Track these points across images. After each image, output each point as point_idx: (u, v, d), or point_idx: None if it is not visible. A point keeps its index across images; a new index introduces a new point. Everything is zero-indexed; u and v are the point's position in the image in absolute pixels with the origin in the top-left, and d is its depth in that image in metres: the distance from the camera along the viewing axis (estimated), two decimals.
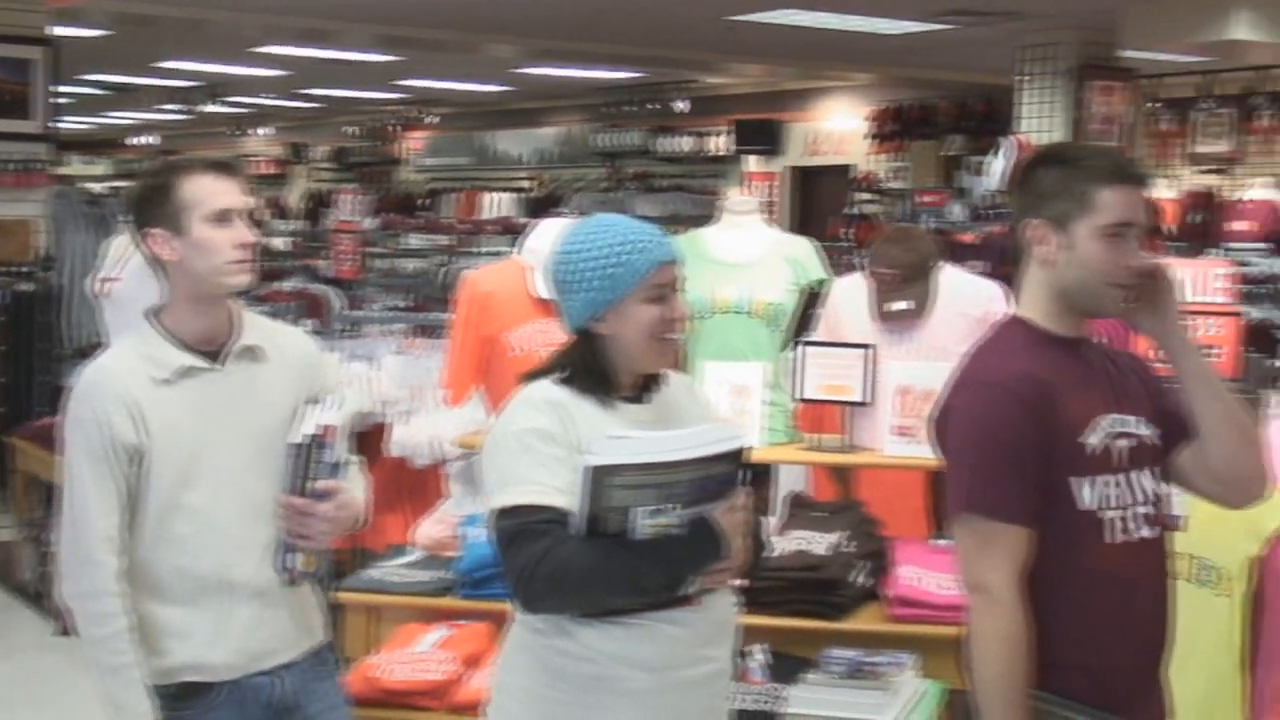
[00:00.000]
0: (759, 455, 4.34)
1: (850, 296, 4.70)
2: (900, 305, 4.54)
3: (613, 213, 2.88)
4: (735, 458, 2.56)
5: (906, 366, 4.15)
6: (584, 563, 2.49)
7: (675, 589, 2.58)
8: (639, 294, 2.65)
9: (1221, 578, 4.10)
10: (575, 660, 2.60)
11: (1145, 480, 2.68)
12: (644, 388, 2.74)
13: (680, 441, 2.50)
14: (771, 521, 4.22)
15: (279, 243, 13.37)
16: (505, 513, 2.55)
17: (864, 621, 3.89)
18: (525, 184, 18.71)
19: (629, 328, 2.66)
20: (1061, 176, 2.65)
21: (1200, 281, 4.71)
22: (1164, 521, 2.74)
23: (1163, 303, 2.69)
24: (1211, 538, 4.07)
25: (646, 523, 2.51)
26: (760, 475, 5.15)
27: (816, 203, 15.91)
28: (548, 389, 2.67)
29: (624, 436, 2.52)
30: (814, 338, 4.68)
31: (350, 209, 9.47)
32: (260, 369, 2.89)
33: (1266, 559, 4.09)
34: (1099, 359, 2.73)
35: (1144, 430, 2.69)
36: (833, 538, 3.98)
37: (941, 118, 14.17)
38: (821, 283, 4.89)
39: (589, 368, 2.68)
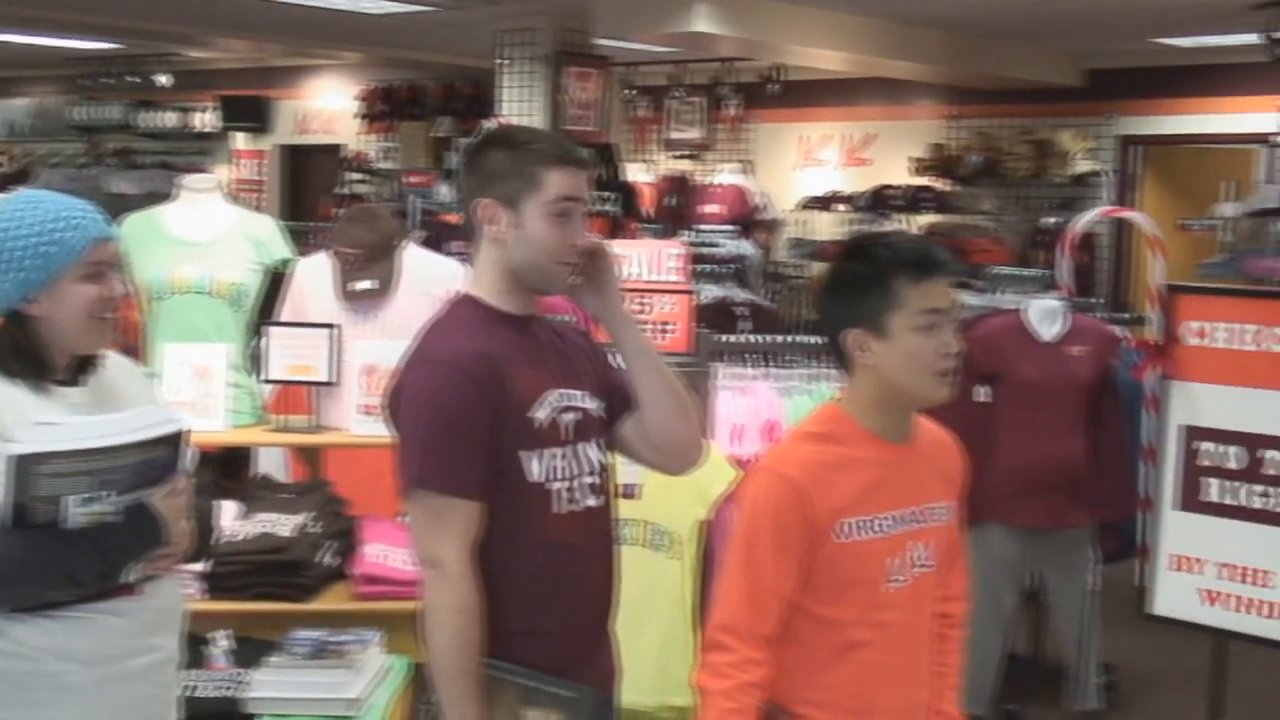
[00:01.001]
0: (224, 439, 4.27)
1: (315, 276, 4.68)
2: (364, 284, 4.55)
3: (77, 190, 2.76)
4: (174, 441, 2.50)
5: (371, 345, 4.16)
6: (9, 555, 2.37)
7: (113, 578, 2.49)
8: (75, 273, 2.56)
9: (673, 541, 4.35)
10: (6, 658, 2.47)
11: (591, 452, 2.78)
12: (80, 370, 2.64)
13: (114, 426, 2.42)
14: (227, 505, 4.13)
15: None
16: None
17: (331, 601, 3.90)
18: None
19: (65, 308, 2.56)
20: (509, 158, 2.71)
21: (656, 261, 4.95)
22: (610, 490, 2.86)
23: (603, 280, 2.80)
24: (663, 505, 4.30)
25: (79, 511, 2.41)
26: (238, 459, 5.06)
27: (307, 182, 15.69)
28: None
29: (52, 423, 2.41)
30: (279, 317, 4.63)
31: None
32: None
33: (714, 522, 4.36)
34: (547, 335, 2.81)
35: (589, 404, 2.79)
36: (299, 519, 3.95)
37: (430, 99, 14.23)
38: (286, 262, 4.84)
39: (18, 351, 2.56)
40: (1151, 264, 5.30)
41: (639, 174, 12.59)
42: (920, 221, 11.36)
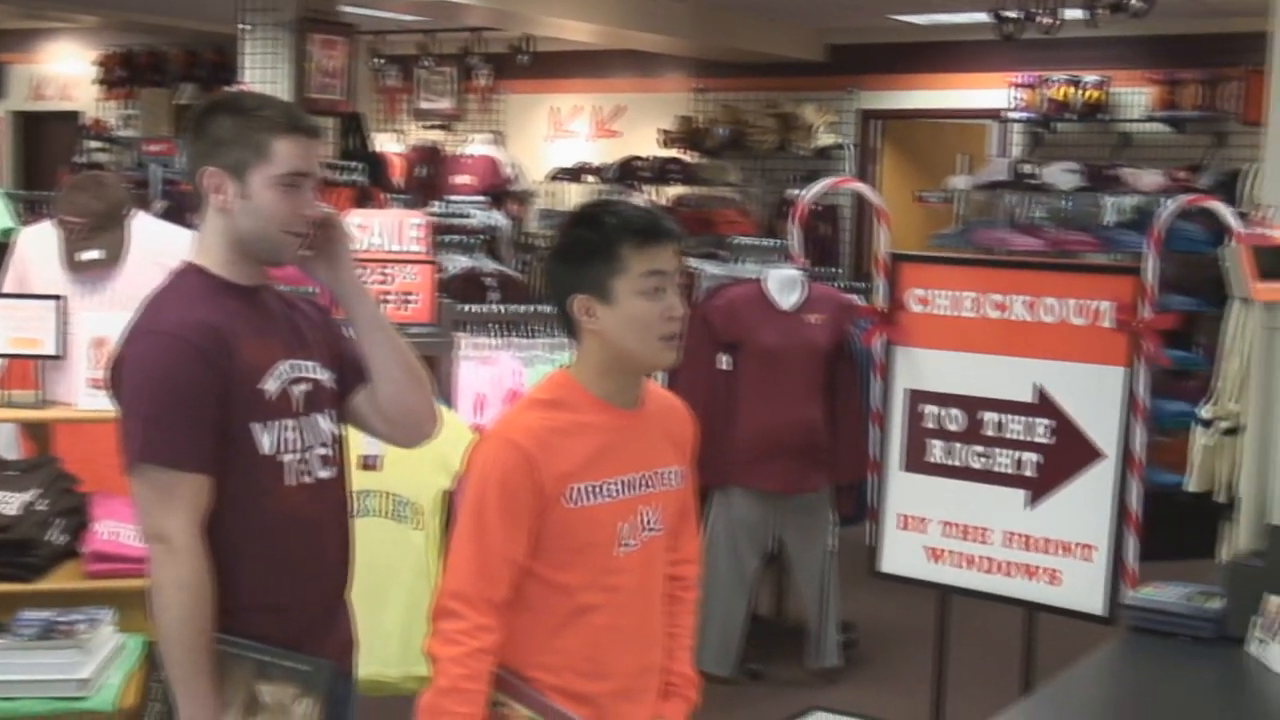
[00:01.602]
0: None
1: (39, 246, 4.54)
2: (91, 254, 4.44)
3: None
4: None
5: (100, 317, 4.04)
6: None
7: None
8: None
9: (416, 512, 4.34)
10: None
11: (323, 423, 2.77)
12: None
13: None
14: None
15: None
16: None
17: (61, 580, 3.80)
18: None
19: None
20: (237, 125, 2.67)
21: (397, 232, 4.93)
22: (343, 462, 2.84)
23: (336, 251, 2.79)
24: (406, 476, 4.29)
25: None
26: None
27: (44, 150, 15.12)
28: None
29: None
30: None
31: None
32: None
33: (457, 492, 4.37)
34: (277, 306, 2.78)
35: (321, 375, 2.77)
36: (25, 496, 3.83)
37: (172, 65, 13.85)
38: (8, 232, 4.69)
39: None
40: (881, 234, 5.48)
41: (389, 144, 12.46)
42: (669, 193, 11.52)
